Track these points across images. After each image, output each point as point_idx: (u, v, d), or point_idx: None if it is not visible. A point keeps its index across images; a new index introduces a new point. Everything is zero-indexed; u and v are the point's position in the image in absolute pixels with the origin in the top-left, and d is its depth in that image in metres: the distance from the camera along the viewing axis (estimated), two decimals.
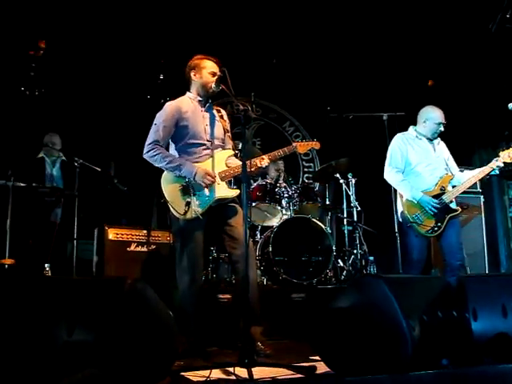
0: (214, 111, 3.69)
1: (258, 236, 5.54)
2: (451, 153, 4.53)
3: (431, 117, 4.38)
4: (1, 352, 2.01)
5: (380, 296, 2.45)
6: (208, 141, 3.54)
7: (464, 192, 4.35)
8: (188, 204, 3.38)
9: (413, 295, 2.54)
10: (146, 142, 3.49)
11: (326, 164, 5.92)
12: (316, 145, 3.78)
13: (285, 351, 3.56)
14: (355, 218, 5.87)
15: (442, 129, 4.37)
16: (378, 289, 2.47)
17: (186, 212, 3.37)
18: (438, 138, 4.47)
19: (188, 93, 3.67)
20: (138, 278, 2.19)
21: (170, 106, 3.57)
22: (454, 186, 4.32)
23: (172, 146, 3.59)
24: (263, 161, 3.50)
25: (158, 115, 3.56)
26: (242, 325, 3.19)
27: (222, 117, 3.70)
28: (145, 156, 3.49)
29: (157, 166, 3.47)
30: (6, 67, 5.97)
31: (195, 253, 3.41)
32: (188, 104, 3.60)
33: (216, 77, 3.50)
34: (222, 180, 3.47)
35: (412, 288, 2.62)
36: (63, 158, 5.34)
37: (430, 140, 4.43)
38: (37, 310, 2.13)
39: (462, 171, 4.46)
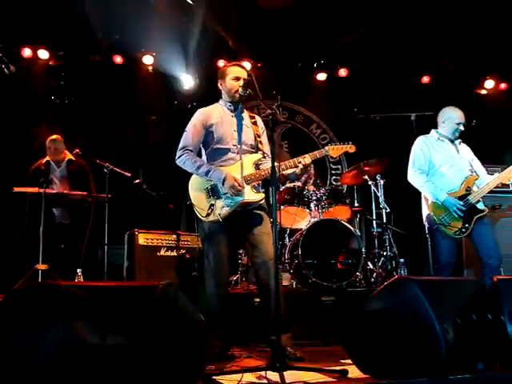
0: (246, 117, 3.72)
1: (287, 239, 5.53)
2: (483, 151, 4.46)
3: (450, 117, 4.34)
4: (36, 356, 2.05)
5: (413, 298, 2.42)
6: (235, 146, 3.56)
7: (498, 192, 4.27)
8: (211, 207, 3.43)
9: (446, 298, 2.50)
10: (178, 148, 3.58)
11: (354, 166, 5.89)
12: (351, 148, 3.64)
13: (315, 355, 3.53)
14: (384, 220, 5.80)
15: (461, 128, 4.31)
16: (411, 291, 2.44)
17: (208, 215, 3.42)
18: (460, 140, 4.42)
19: (220, 100, 3.74)
20: (169, 283, 2.21)
21: (199, 112, 3.65)
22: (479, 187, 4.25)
23: (203, 151, 3.65)
24: (306, 158, 3.48)
25: (189, 122, 3.64)
26: (270, 331, 3.18)
27: (254, 123, 3.71)
28: (176, 161, 3.57)
29: (188, 170, 3.54)
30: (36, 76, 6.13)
31: (220, 256, 3.43)
32: (218, 110, 3.66)
33: (240, 81, 3.54)
34: (247, 184, 3.47)
35: (445, 290, 2.58)
36: (70, 157, 5.39)
37: (452, 141, 4.38)
38: (71, 315, 2.17)
39: (491, 174, 4.39)
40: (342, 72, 7.41)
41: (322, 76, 7.48)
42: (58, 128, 5.75)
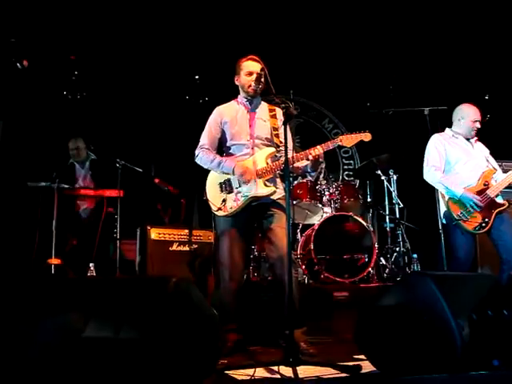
0: (264, 110, 3.70)
1: (299, 235, 5.52)
2: (498, 147, 4.41)
3: (466, 114, 4.29)
4: (48, 349, 2.06)
5: (427, 294, 2.39)
6: (248, 141, 3.57)
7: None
8: (224, 201, 3.47)
9: (461, 293, 2.47)
10: (197, 147, 3.66)
11: (366, 161, 5.86)
12: (366, 137, 3.51)
13: (328, 350, 3.51)
14: (397, 215, 5.79)
15: (478, 126, 4.27)
16: (425, 286, 2.41)
17: (220, 209, 3.47)
18: (475, 137, 4.37)
19: (238, 96, 3.75)
20: (182, 277, 2.21)
21: (215, 111, 3.71)
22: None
23: (222, 148, 3.70)
24: (317, 149, 3.41)
25: (208, 120, 3.70)
26: (284, 325, 3.17)
27: (274, 115, 3.68)
28: (195, 160, 3.65)
29: (205, 167, 3.61)
30: (48, 72, 6.14)
31: (232, 250, 3.44)
32: (233, 106, 3.69)
33: (253, 76, 3.53)
34: (259, 177, 3.46)
35: (460, 286, 2.55)
36: (93, 156, 5.43)
37: (467, 139, 4.34)
38: (83, 309, 2.17)
39: (507, 171, 4.34)
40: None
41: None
42: (71, 123, 5.79)
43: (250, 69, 3.56)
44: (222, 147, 3.69)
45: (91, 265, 4.50)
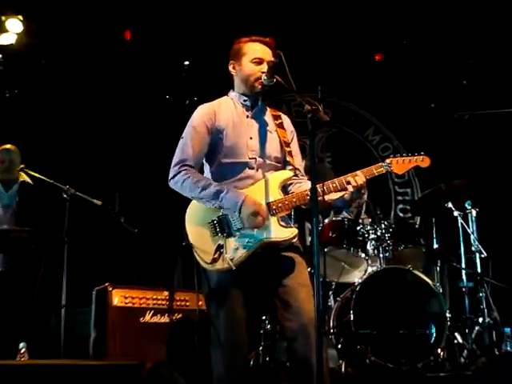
0: (269, 117, 3.69)
1: (332, 299, 5.49)
2: None
3: None
4: None
5: None
6: (253, 159, 3.54)
7: None
8: (219, 248, 3.37)
9: None
10: (172, 164, 3.54)
11: (431, 188, 5.86)
12: (424, 161, 3.51)
13: None
14: (479, 270, 5.73)
15: None
16: None
17: (215, 260, 3.36)
18: None
19: (231, 92, 3.72)
20: (160, 361, 2.22)
21: (201, 110, 3.62)
22: None
23: (206, 168, 3.62)
24: (358, 177, 3.38)
25: (187, 125, 3.61)
26: None
27: (280, 124, 3.68)
28: (170, 184, 3.54)
29: (187, 196, 3.50)
30: None
31: (233, 321, 3.36)
32: (227, 108, 3.64)
33: (263, 65, 3.50)
34: (272, 214, 3.41)
35: None
36: (27, 179, 5.44)
37: None
38: None
39: None
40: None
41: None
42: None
43: (260, 54, 3.53)
44: (203, 166, 3.62)
45: (21, 345, 4.45)
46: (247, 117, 3.63)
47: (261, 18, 6.37)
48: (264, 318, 5.23)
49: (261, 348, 5.19)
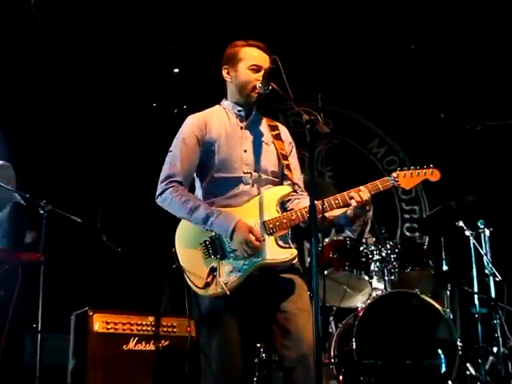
0: (265, 127, 3.71)
1: (333, 325, 5.52)
2: None
3: None
4: None
5: None
6: (248, 173, 3.55)
7: None
8: (212, 271, 3.38)
9: None
10: (159, 180, 3.55)
11: (440, 206, 5.89)
12: (434, 175, 3.53)
13: None
14: (493, 294, 5.75)
15: None
16: None
17: (207, 284, 3.36)
18: None
19: (223, 101, 3.74)
20: None
21: (191, 120, 3.63)
22: None
23: (198, 183, 3.64)
24: (362, 192, 3.39)
25: (176, 137, 3.63)
26: None
27: (278, 136, 3.70)
28: (157, 201, 3.54)
29: (175, 214, 3.51)
30: None
31: (227, 349, 3.37)
32: (220, 118, 3.65)
33: (260, 73, 3.51)
34: (269, 234, 3.41)
35: None
36: (17, 199, 5.46)
37: None
38: None
39: None
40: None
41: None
42: None
43: (258, 61, 3.55)
44: (194, 181, 3.63)
45: None
46: (241, 128, 3.63)
47: (255, 20, 6.40)
48: (259, 345, 5.23)
49: (255, 378, 5.18)
